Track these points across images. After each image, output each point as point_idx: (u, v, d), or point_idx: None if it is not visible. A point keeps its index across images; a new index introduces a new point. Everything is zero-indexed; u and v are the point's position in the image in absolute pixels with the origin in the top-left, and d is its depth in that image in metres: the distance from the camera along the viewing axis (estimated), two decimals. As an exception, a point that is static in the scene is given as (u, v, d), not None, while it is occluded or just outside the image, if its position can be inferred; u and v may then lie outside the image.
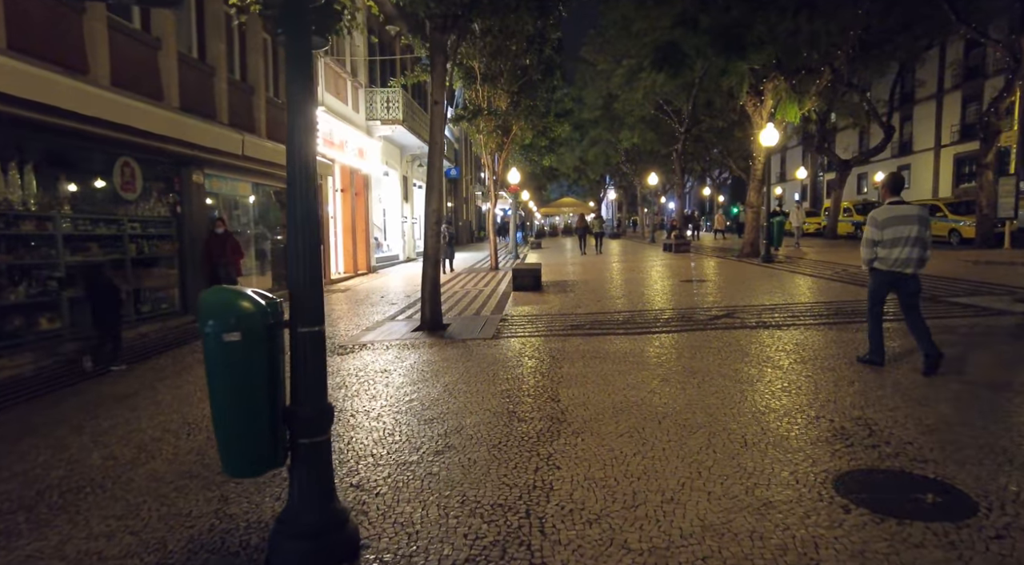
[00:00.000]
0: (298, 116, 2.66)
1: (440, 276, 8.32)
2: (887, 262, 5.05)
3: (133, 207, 8.76)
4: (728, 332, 7.26)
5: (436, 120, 7.70)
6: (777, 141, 16.01)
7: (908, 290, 5.10)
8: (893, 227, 4.99)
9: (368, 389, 5.46)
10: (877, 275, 5.20)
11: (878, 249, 5.07)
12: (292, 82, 2.68)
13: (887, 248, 5.01)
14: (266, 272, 13.14)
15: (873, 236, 5.09)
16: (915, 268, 5.02)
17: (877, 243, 5.06)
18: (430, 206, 7.86)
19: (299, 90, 2.67)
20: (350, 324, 9.21)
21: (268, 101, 11.90)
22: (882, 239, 5.02)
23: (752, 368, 5.54)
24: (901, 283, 5.08)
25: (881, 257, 5.08)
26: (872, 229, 5.09)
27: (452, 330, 8.13)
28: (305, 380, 2.73)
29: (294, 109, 2.66)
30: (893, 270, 5.06)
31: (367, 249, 19.18)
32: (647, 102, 26.60)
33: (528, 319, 8.85)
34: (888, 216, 5.02)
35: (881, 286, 5.23)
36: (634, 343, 6.86)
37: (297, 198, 2.73)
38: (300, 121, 2.66)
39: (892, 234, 4.97)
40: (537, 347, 6.85)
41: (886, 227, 5.01)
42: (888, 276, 5.11)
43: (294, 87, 2.67)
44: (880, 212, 5.08)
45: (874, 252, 5.11)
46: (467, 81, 17.26)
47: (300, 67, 2.68)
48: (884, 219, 5.03)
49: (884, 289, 5.24)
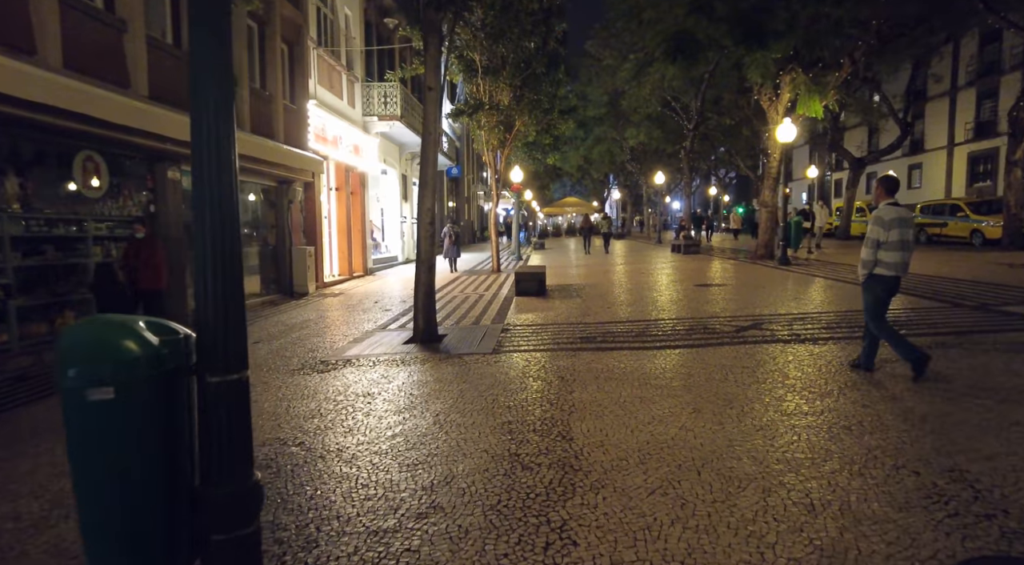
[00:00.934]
0: (205, 59, 1.85)
1: (435, 282, 7.51)
2: (891, 266, 4.80)
3: (99, 206, 7.98)
4: (759, 347, 6.43)
5: (430, 108, 6.89)
6: (795, 137, 15.16)
7: (894, 294, 5.00)
8: (898, 229, 4.75)
9: (346, 419, 4.65)
10: (879, 282, 4.90)
11: (881, 252, 4.81)
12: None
13: (891, 251, 4.77)
14: (254, 273, 12.36)
15: (879, 237, 4.79)
16: (905, 272, 4.88)
17: (882, 245, 4.79)
18: (424, 204, 7.05)
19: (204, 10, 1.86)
20: (337, 334, 8.40)
21: (252, 92, 11.10)
22: (887, 241, 4.76)
23: (797, 395, 4.71)
24: (897, 287, 4.88)
25: (884, 261, 4.81)
26: (878, 229, 4.79)
27: (448, 343, 7.32)
28: (220, 450, 1.91)
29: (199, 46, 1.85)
30: (897, 275, 4.82)
31: (363, 250, 18.39)
32: (654, 99, 25.78)
33: (532, 329, 8.03)
34: (894, 217, 4.77)
35: (884, 293, 4.93)
36: (654, 360, 6.03)
37: (205, 184, 1.91)
38: (206, 67, 1.85)
39: (897, 235, 4.74)
40: (543, 365, 6.03)
41: (892, 228, 4.76)
42: (892, 282, 4.87)
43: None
44: (886, 212, 4.81)
45: (876, 255, 4.83)
46: (468, 74, 16.47)
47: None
48: (890, 219, 4.77)
49: (887, 296, 4.95)
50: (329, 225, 16.69)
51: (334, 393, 5.37)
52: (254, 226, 12.35)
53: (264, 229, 12.69)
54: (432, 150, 6.93)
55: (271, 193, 12.71)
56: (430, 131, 6.91)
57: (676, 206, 61.70)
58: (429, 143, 6.94)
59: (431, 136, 6.91)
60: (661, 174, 32.68)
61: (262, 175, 11.55)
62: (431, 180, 6.95)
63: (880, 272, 4.86)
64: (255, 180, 11.60)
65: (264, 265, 12.72)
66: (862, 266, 4.98)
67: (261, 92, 11.66)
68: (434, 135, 6.92)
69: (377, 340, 7.76)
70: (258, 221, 12.50)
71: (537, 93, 16.27)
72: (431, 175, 6.94)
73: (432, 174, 6.94)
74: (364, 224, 18.52)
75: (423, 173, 6.99)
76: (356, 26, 17.82)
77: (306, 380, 5.89)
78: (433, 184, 7.01)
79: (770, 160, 17.13)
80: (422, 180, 6.98)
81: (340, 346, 7.51)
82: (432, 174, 6.94)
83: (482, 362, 6.27)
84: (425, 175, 6.99)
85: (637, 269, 16.92)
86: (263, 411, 4.89)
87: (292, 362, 6.73)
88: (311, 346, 7.61)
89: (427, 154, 6.95)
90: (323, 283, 14.84)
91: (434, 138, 6.95)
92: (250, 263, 12.23)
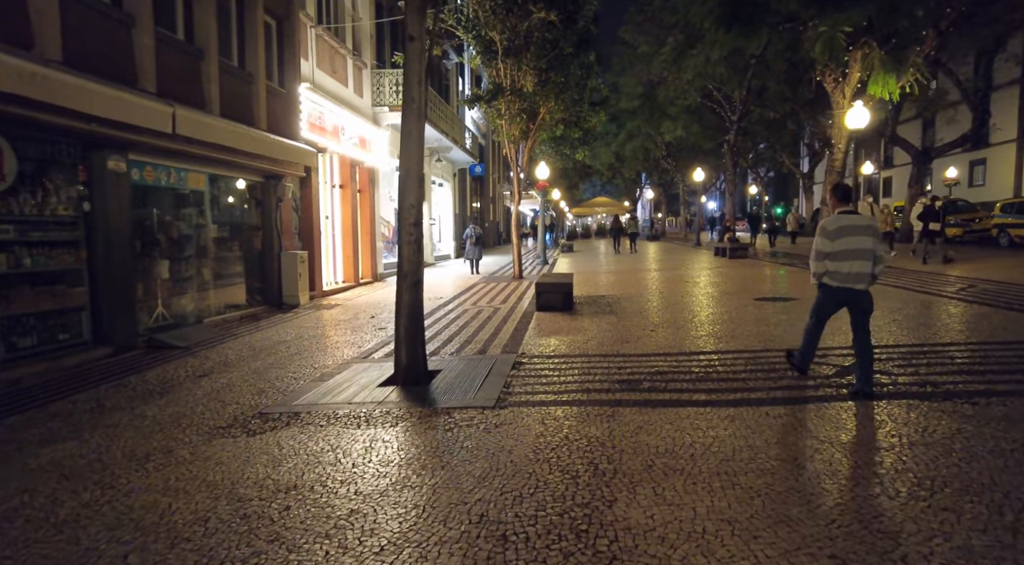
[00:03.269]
0: None
1: (423, 302, 5.63)
2: (838, 277, 4.65)
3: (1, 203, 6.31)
4: (893, 407, 4.38)
5: (411, 65, 5.01)
6: (867, 123, 12.90)
7: (860, 307, 4.67)
8: (845, 238, 4.60)
9: (239, 548, 2.77)
10: (826, 291, 4.78)
11: (828, 262, 4.67)
12: None
13: (838, 261, 4.63)
14: (235, 282, 10.69)
15: (823, 247, 4.69)
16: (867, 284, 4.62)
17: (827, 255, 4.66)
18: (405, 199, 5.19)
19: None
20: (303, 365, 6.59)
21: (224, 69, 9.38)
22: (833, 251, 4.64)
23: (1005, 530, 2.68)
24: (853, 300, 4.67)
25: (832, 271, 4.67)
26: (822, 239, 4.69)
27: (438, 386, 5.43)
28: None
29: None
30: (844, 286, 4.65)
31: (373, 254, 16.67)
32: (693, 89, 23.58)
33: (553, 364, 6.09)
34: (839, 226, 4.64)
35: (829, 303, 4.82)
36: (733, 429, 4.04)
37: None
38: None
39: (843, 245, 4.59)
40: (565, 435, 4.08)
41: (837, 238, 4.62)
42: (839, 293, 4.70)
43: None
44: (830, 222, 4.70)
45: (824, 266, 4.69)
46: (487, 56, 14.60)
47: None
48: (835, 229, 4.64)
49: (831, 306, 4.82)
50: (332, 226, 14.99)
51: (244, 482, 3.51)
52: (236, 227, 10.67)
53: (248, 231, 11.01)
54: (416, 122, 5.06)
55: (256, 190, 11.03)
56: (413, 97, 5.03)
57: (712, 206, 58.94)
58: (411, 113, 5.07)
59: (414, 103, 5.04)
60: (700, 171, 30.32)
61: (239, 168, 9.85)
62: (415, 165, 5.08)
63: (827, 282, 4.71)
64: (235, 174, 9.91)
65: (249, 272, 11.04)
66: (812, 275, 4.83)
67: (237, 70, 9.93)
68: (419, 103, 5.04)
69: (349, 377, 5.91)
70: (241, 221, 10.82)
71: (564, 75, 14.31)
72: (415, 158, 5.08)
73: (416, 157, 5.07)
74: (374, 225, 16.80)
75: (405, 155, 5.12)
76: (365, 6, 16.11)
77: (221, 451, 4.05)
78: (419, 172, 5.14)
79: (834, 152, 14.85)
80: (403, 165, 5.11)
81: (298, 387, 5.68)
82: (416, 157, 5.07)
83: (478, 425, 4.35)
84: (408, 158, 5.12)
85: (678, 277, 14.80)
86: (104, 520, 3.06)
87: (224, 413, 4.92)
88: (262, 385, 5.80)
89: (409, 127, 5.08)
90: (321, 292, 13.13)
91: (419, 106, 5.08)
92: (230, 270, 10.56)
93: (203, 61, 8.71)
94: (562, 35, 14.27)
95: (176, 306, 8.98)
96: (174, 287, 9.00)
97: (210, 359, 7.14)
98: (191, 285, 9.34)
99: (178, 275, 9.09)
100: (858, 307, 4.66)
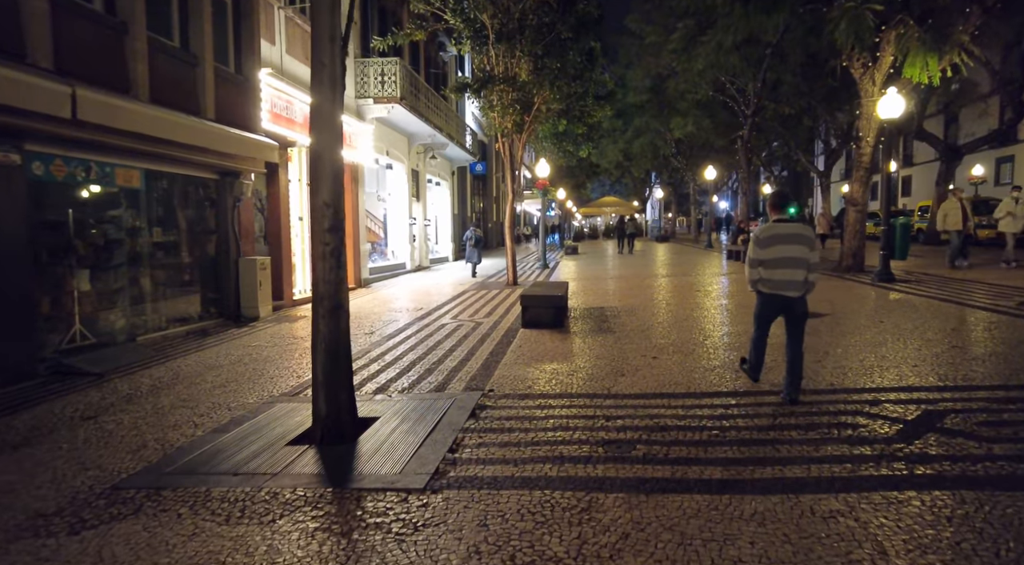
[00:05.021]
0: None
1: (349, 330, 4.30)
2: (770, 284, 4.67)
3: None
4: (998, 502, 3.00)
5: (320, 16, 3.67)
6: (902, 112, 11.43)
7: (793, 314, 4.68)
8: (775, 246, 4.61)
9: None
10: (762, 298, 4.82)
11: (761, 269, 4.67)
12: None
13: (770, 269, 4.64)
14: (185, 293, 9.44)
15: (755, 255, 4.70)
16: (800, 291, 4.61)
17: (760, 263, 4.67)
18: (318, 196, 3.86)
19: None
20: (219, 403, 5.28)
21: (157, 47, 8.06)
22: (764, 259, 4.64)
23: None
24: (787, 307, 4.68)
25: (764, 278, 4.68)
26: (754, 247, 4.72)
27: (366, 443, 4.11)
28: None
29: None
30: (776, 293, 4.65)
31: (356, 258, 15.39)
32: (705, 81, 22.09)
33: (523, 410, 4.75)
34: (770, 234, 4.65)
35: (765, 308, 4.83)
36: (776, 544, 2.67)
37: None
38: None
39: (774, 254, 4.61)
40: (512, 556, 2.74)
41: (768, 246, 4.63)
42: (774, 299, 4.70)
43: None
44: (762, 230, 4.74)
45: (758, 273, 4.70)
46: (477, 42, 13.28)
47: None
48: (766, 237, 4.66)
49: (768, 312, 4.83)
50: (302, 229, 13.73)
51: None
52: (185, 231, 9.42)
53: (202, 235, 9.75)
54: (329, 92, 3.73)
55: (209, 188, 9.76)
56: (323, 61, 3.68)
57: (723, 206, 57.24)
58: (322, 80, 3.74)
59: (325, 68, 3.70)
60: (712, 169, 28.82)
61: (184, 163, 8.58)
62: (329, 150, 3.76)
63: (762, 289, 4.75)
64: (173, 169, 8.63)
65: (204, 281, 9.80)
66: (748, 285, 4.85)
67: (176, 50, 8.57)
68: (331, 67, 3.71)
69: (263, 425, 4.60)
70: (192, 224, 9.56)
71: (561, 61, 12.95)
72: (328, 141, 3.76)
73: (330, 138, 3.76)
74: (357, 226, 15.52)
75: (316, 135, 3.80)
76: (346, -11, 14.82)
77: (6, 569, 2.75)
78: (333, 159, 3.83)
79: (861, 145, 13.37)
80: (314, 149, 3.80)
81: (192, 440, 4.37)
82: (330, 138, 3.76)
83: (391, 526, 3.00)
84: (319, 140, 3.80)
85: (688, 283, 13.39)
86: None
87: (66, 487, 3.62)
88: (150, 436, 4.50)
89: (320, 99, 3.75)
90: (291, 301, 11.86)
91: (331, 72, 3.75)
92: (178, 280, 9.31)
93: (126, 36, 7.43)
94: (559, 18, 12.93)
95: (102, 323, 7.72)
96: (99, 301, 7.75)
97: (117, 391, 5.86)
98: (122, 298, 8.08)
99: (105, 287, 7.84)
100: (792, 314, 4.70)
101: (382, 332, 8.60)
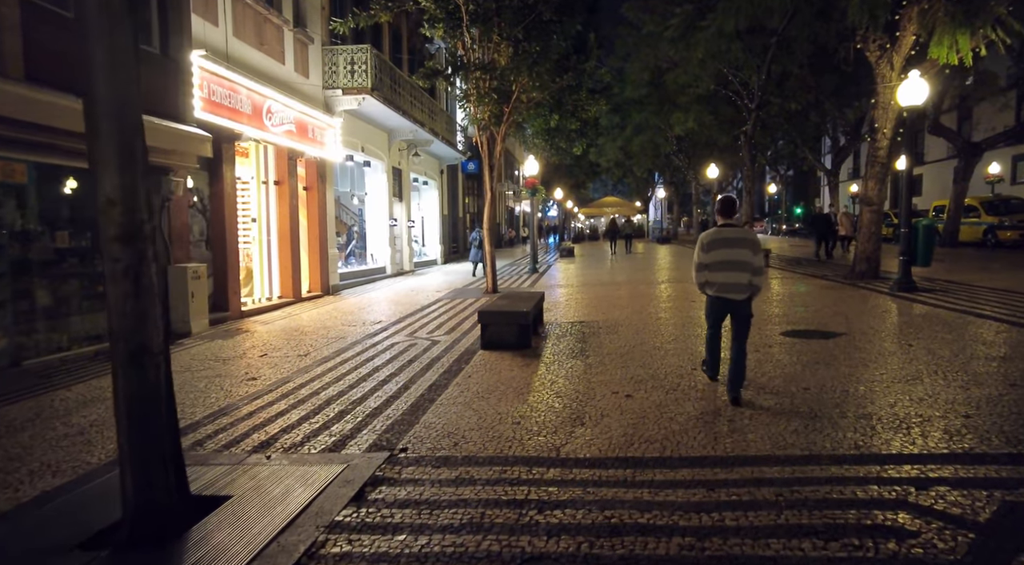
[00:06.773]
0: None
1: (170, 380, 3.02)
2: (714, 287, 4.76)
3: None
4: None
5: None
6: (926, 98, 10.07)
7: (738, 316, 4.76)
8: (718, 250, 4.70)
9: None
10: (709, 300, 4.91)
11: (706, 273, 4.78)
12: None
13: (713, 272, 4.73)
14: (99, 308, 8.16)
15: (699, 259, 4.80)
16: (743, 294, 4.67)
17: (704, 267, 4.77)
18: (100, 190, 2.60)
19: None
20: (19, 473, 3.97)
21: (34, 14, 6.72)
22: (708, 262, 4.74)
23: None
24: (732, 309, 4.75)
25: (709, 281, 4.78)
26: (698, 251, 4.82)
27: (193, 544, 2.82)
28: None
29: None
30: (721, 295, 4.73)
31: (322, 263, 14.13)
32: (706, 74, 20.71)
33: (435, 485, 3.45)
34: (713, 239, 4.75)
35: (713, 310, 4.91)
36: None
37: None
38: None
39: (717, 257, 4.70)
40: None
41: (711, 250, 4.73)
42: (720, 302, 4.78)
43: None
44: (706, 235, 4.81)
45: (704, 276, 4.80)
46: (450, 24, 11.99)
47: None
48: (709, 241, 4.75)
49: (716, 314, 4.91)
50: (265, 231, 12.48)
51: None
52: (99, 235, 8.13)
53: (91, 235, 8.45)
54: (107, 30, 2.45)
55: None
56: None
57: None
58: (99, 14, 2.46)
59: None
60: (715, 167, 27.45)
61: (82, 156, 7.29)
62: (117, 114, 2.49)
63: (708, 292, 4.83)
64: (73, 164, 7.34)
65: (85, 297, 8.46)
66: (697, 287, 4.94)
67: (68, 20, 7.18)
68: None
69: (62, 511, 3.31)
70: (74, 222, 8.26)
71: (542, 44, 11.66)
72: (112, 92, 2.49)
73: (113, 90, 2.48)
74: (324, 229, 14.26)
75: (91, 84, 2.52)
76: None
77: None
78: (123, 129, 2.56)
79: (877, 137, 12.00)
80: (88, 113, 2.52)
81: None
82: (113, 90, 2.48)
83: None
84: (98, 92, 2.52)
85: (683, 292, 12.04)
86: None
87: None
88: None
89: (93, 45, 2.47)
90: (239, 312, 10.59)
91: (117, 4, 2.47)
92: (89, 292, 8.03)
93: (-4, 1, 6.15)
94: (541, -2, 11.63)
95: (-27, 345, 6.48)
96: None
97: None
98: (4, 315, 6.82)
99: (-21, 302, 6.59)
100: (737, 315, 4.76)
101: (318, 354, 7.32)
